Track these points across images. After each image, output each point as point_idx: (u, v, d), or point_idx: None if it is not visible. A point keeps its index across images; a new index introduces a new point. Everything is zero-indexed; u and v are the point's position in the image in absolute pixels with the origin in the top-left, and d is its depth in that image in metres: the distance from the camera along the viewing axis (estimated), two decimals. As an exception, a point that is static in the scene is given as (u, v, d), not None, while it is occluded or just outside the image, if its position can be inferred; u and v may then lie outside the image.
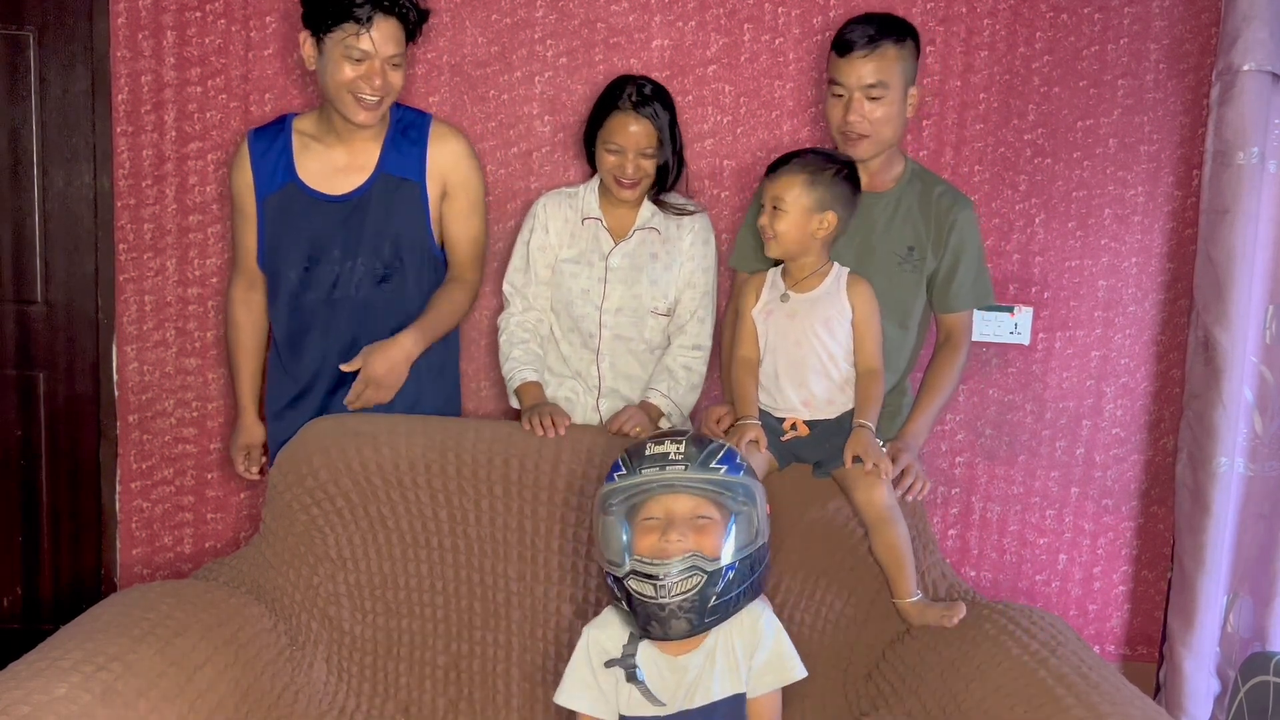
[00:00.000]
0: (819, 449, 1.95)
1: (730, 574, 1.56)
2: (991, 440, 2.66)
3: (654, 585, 1.53)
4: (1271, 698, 2.18)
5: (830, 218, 1.91)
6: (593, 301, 2.24)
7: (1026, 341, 2.59)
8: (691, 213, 2.26)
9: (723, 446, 1.65)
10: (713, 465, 1.59)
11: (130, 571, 2.63)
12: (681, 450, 1.60)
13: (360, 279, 2.15)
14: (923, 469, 1.97)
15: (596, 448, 1.99)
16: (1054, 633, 1.70)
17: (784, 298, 1.96)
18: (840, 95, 2.06)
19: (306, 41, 2.03)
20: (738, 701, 1.61)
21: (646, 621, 1.57)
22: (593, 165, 2.28)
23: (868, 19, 2.08)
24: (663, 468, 1.58)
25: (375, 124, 2.09)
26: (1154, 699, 2.26)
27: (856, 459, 1.85)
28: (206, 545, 2.62)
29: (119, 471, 2.60)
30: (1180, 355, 2.63)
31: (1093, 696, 1.49)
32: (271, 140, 2.16)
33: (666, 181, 2.24)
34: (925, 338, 2.26)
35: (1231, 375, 2.41)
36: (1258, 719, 2.21)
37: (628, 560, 1.58)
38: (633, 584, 1.56)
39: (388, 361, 2.05)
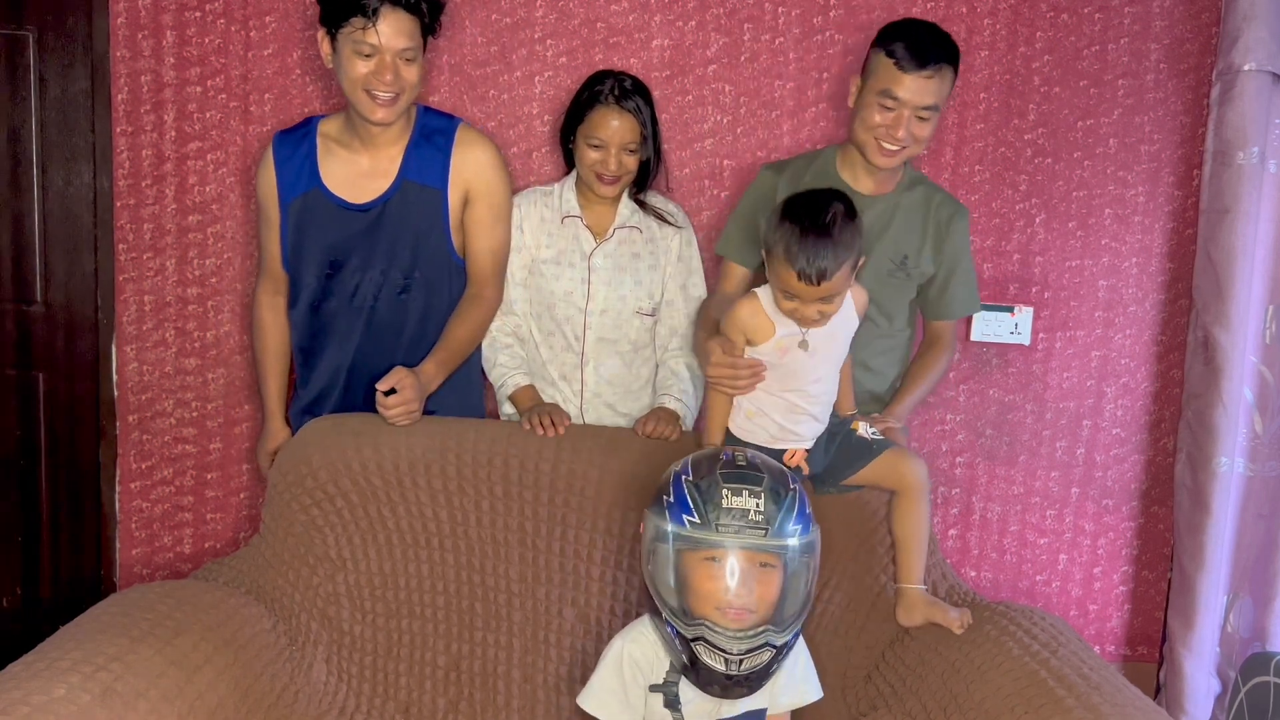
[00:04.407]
0: (813, 461, 1.90)
1: (794, 641, 1.55)
2: (992, 440, 2.66)
3: (724, 659, 1.49)
4: (1272, 698, 2.18)
5: (860, 261, 1.83)
6: (576, 304, 2.21)
7: (1027, 341, 2.59)
8: (676, 223, 2.26)
9: (795, 498, 1.54)
10: (789, 528, 1.51)
11: (130, 571, 2.63)
12: (761, 509, 1.50)
13: (380, 288, 2.11)
14: (908, 437, 1.98)
15: (597, 448, 1.98)
16: (1054, 633, 1.70)
17: (803, 344, 1.82)
18: (891, 109, 1.97)
19: (324, 40, 1.99)
20: (759, 716, 1.62)
21: (707, 683, 1.53)
22: (569, 163, 2.27)
23: (927, 33, 1.98)
24: (739, 530, 1.49)
25: (393, 121, 2.02)
26: (1154, 699, 2.26)
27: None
28: (206, 545, 2.62)
29: (119, 472, 2.59)
30: (1180, 355, 2.63)
31: (1093, 697, 1.49)
32: (296, 144, 2.12)
33: (647, 180, 2.23)
34: (916, 333, 2.28)
35: (1231, 375, 2.41)
36: (1258, 719, 2.21)
37: (696, 624, 1.51)
38: (702, 652, 1.50)
39: (416, 390, 1.98)
